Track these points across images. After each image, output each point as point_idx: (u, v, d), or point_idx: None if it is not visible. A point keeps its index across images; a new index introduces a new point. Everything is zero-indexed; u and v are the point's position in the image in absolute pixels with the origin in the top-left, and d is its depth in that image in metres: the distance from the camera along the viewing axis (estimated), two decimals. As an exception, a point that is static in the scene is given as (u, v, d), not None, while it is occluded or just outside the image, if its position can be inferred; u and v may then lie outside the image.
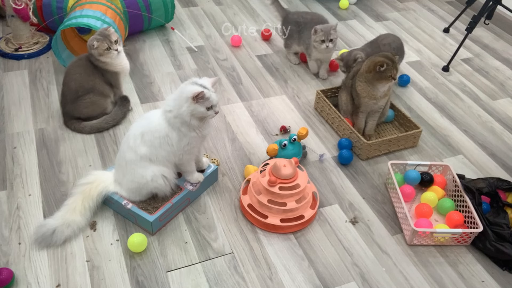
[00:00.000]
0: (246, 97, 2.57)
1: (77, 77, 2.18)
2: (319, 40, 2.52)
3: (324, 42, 2.51)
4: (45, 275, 1.63)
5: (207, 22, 3.24)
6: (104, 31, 2.16)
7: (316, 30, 2.50)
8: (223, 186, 2.03)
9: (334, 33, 2.52)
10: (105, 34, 2.14)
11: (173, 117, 1.69)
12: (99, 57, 2.16)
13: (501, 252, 1.78)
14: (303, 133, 2.10)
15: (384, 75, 2.12)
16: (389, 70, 2.11)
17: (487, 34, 3.42)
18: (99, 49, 2.13)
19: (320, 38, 2.51)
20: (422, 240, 1.84)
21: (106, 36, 2.14)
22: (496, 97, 2.77)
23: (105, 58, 2.16)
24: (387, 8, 3.67)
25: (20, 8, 2.58)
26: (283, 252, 1.78)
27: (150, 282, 1.64)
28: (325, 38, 2.51)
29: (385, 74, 2.12)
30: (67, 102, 2.20)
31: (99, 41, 2.12)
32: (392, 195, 2.03)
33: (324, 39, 2.51)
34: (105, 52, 2.14)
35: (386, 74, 2.12)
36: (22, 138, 2.17)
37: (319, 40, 2.52)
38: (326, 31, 2.50)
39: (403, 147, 2.30)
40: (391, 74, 2.12)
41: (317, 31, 2.51)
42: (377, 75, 2.13)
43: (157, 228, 1.80)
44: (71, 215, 1.75)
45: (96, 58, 2.17)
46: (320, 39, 2.51)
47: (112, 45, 2.15)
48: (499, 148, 2.39)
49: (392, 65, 2.11)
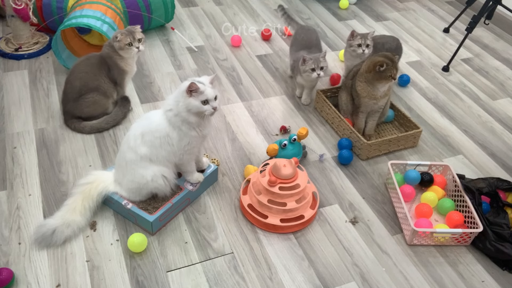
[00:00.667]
0: (246, 97, 2.57)
1: (82, 76, 2.18)
2: (309, 69, 2.33)
3: (315, 70, 2.33)
4: (45, 275, 1.63)
5: (207, 22, 3.24)
6: (131, 28, 2.20)
7: (305, 60, 2.33)
8: (223, 186, 2.03)
9: (324, 61, 2.35)
10: (131, 30, 2.19)
11: (173, 116, 1.69)
12: (119, 50, 2.18)
13: (501, 252, 1.78)
14: (303, 133, 2.10)
15: (384, 75, 2.12)
16: (389, 70, 2.11)
17: (487, 34, 3.42)
18: (121, 42, 2.16)
19: (310, 67, 2.32)
20: (422, 240, 1.84)
21: (131, 32, 2.18)
22: (496, 97, 2.77)
23: (124, 53, 2.19)
24: (387, 8, 3.67)
25: (20, 8, 2.58)
26: (283, 252, 1.78)
27: (150, 282, 1.64)
28: (315, 67, 2.32)
29: (385, 74, 2.12)
30: (69, 100, 2.20)
31: (123, 34, 2.16)
32: (392, 195, 2.03)
33: (315, 67, 2.32)
34: (126, 46, 2.17)
35: (386, 74, 2.12)
36: (22, 138, 2.17)
37: (309, 69, 2.33)
38: (316, 59, 2.33)
39: (403, 147, 2.30)
40: (391, 74, 2.12)
41: (306, 61, 2.33)
42: (377, 75, 2.13)
43: (157, 228, 1.80)
44: (71, 215, 1.75)
45: (114, 51, 2.19)
46: (310, 68, 2.33)
47: (135, 41, 2.19)
48: (499, 148, 2.39)
49: (392, 65, 2.11)
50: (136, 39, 2.19)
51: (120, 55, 2.20)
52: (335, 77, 2.71)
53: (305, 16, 3.42)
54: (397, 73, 2.15)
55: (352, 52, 2.49)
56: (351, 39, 2.48)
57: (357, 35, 2.46)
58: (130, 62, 2.25)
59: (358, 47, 2.45)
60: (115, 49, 2.19)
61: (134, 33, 2.18)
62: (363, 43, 2.44)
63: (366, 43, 2.44)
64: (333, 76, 2.71)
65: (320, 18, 3.42)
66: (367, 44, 2.45)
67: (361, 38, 2.45)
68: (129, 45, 2.17)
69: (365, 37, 2.46)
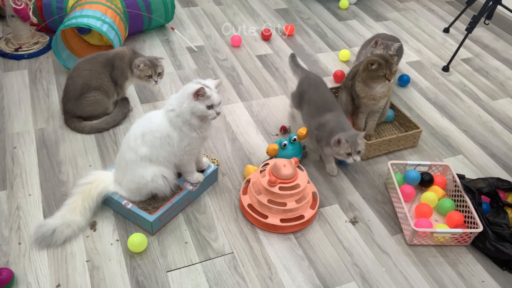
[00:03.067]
0: (246, 97, 2.57)
1: (86, 73, 2.18)
2: (344, 153, 1.95)
3: (351, 155, 1.95)
4: (45, 275, 1.63)
5: (207, 22, 3.24)
6: (154, 60, 2.22)
7: (341, 142, 1.92)
8: (223, 186, 2.03)
9: (362, 143, 1.96)
10: (155, 63, 2.21)
11: (175, 116, 1.69)
12: (136, 78, 2.23)
13: (501, 252, 1.78)
14: (303, 133, 2.10)
15: (375, 74, 2.11)
16: (381, 69, 2.09)
17: (487, 34, 3.42)
18: (142, 72, 2.20)
19: (346, 151, 1.94)
20: (422, 240, 1.84)
21: (155, 66, 2.21)
22: (496, 97, 2.77)
23: (140, 81, 2.25)
24: (387, 8, 3.67)
25: (20, 8, 2.58)
26: (283, 252, 1.78)
27: (150, 282, 1.64)
28: (352, 151, 1.95)
29: (377, 74, 2.10)
30: (70, 99, 2.20)
31: (146, 65, 2.19)
32: (392, 195, 2.03)
33: (351, 151, 1.95)
34: (145, 78, 2.21)
35: (377, 73, 2.10)
36: (22, 138, 2.17)
37: (344, 154, 1.95)
38: (354, 143, 1.93)
39: (403, 147, 2.30)
40: (383, 73, 2.10)
41: (341, 143, 1.93)
42: (369, 74, 2.12)
43: (157, 228, 1.80)
44: (71, 215, 1.75)
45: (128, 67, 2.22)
46: (346, 152, 1.95)
47: (155, 76, 2.22)
48: (499, 148, 2.39)
49: (386, 65, 2.09)
50: (157, 73, 2.22)
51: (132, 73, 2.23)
52: (338, 74, 2.71)
53: (305, 16, 3.42)
54: (392, 75, 2.11)
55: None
56: (374, 47, 2.43)
57: (381, 44, 2.41)
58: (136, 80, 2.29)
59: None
60: (131, 67, 2.22)
61: (156, 67, 2.21)
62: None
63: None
64: (336, 73, 2.71)
65: (320, 18, 3.42)
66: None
67: (384, 48, 2.41)
68: (149, 77, 2.21)
69: (388, 47, 2.40)
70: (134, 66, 2.20)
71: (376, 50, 2.41)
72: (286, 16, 3.40)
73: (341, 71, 2.71)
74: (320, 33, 3.22)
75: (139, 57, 2.23)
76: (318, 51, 3.03)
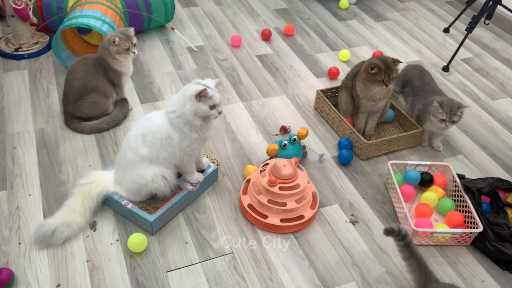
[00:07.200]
0: (246, 97, 2.57)
1: (81, 76, 2.18)
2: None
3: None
4: (45, 275, 1.63)
5: (207, 22, 3.24)
6: (126, 31, 2.18)
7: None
8: (223, 186, 2.03)
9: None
10: (128, 35, 2.17)
11: (176, 117, 1.69)
12: (115, 54, 2.17)
13: (501, 252, 1.78)
14: (303, 133, 2.10)
15: (373, 78, 2.11)
16: (380, 74, 2.09)
17: (487, 34, 3.42)
18: (119, 47, 2.15)
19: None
20: (422, 240, 1.84)
21: (129, 37, 2.17)
22: (496, 97, 2.77)
23: (121, 57, 2.18)
24: (387, 8, 3.67)
25: (20, 8, 2.58)
26: (283, 252, 1.78)
27: (150, 282, 1.64)
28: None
29: (375, 78, 2.10)
30: (69, 101, 2.20)
31: (122, 39, 2.14)
32: (392, 195, 2.03)
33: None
34: (124, 51, 2.16)
35: (376, 77, 2.10)
36: (22, 138, 2.17)
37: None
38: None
39: (403, 147, 2.30)
40: (381, 79, 2.10)
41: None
42: (368, 76, 2.13)
43: (157, 228, 1.80)
44: (71, 215, 1.75)
45: (110, 55, 2.17)
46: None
47: (132, 47, 2.18)
48: (499, 148, 2.39)
49: (385, 70, 2.08)
50: (133, 43, 2.19)
51: (115, 58, 2.19)
52: (333, 71, 2.72)
53: (305, 16, 3.42)
54: (390, 81, 2.10)
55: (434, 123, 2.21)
56: None
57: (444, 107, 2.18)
58: (125, 64, 2.24)
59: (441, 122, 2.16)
60: (109, 52, 2.17)
61: (131, 38, 2.18)
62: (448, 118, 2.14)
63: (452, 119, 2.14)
64: (330, 69, 2.72)
65: (320, 18, 3.42)
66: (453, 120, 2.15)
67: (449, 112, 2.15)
68: (127, 50, 2.17)
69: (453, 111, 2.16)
70: (109, 43, 2.14)
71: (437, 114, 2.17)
72: (286, 16, 3.40)
73: (336, 68, 2.72)
74: (320, 33, 3.22)
75: None
76: (318, 51, 3.03)
